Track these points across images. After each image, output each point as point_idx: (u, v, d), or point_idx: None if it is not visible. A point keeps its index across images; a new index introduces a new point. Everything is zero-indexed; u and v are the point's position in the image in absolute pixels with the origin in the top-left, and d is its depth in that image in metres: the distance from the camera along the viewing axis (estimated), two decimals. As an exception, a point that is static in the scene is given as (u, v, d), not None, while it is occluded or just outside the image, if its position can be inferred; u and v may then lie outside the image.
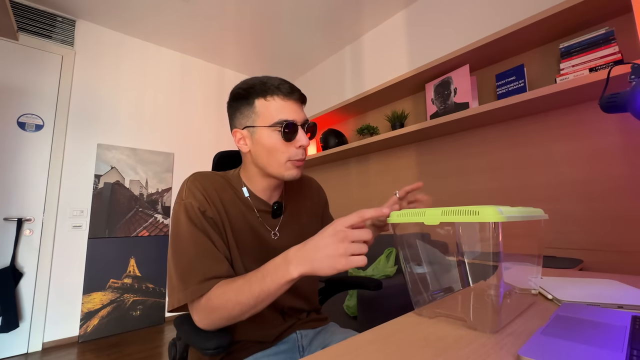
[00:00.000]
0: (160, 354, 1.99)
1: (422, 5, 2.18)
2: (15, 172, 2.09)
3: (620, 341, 0.38)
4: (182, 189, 0.66)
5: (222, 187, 0.69)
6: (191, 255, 0.59)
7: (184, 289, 0.57)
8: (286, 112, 0.65)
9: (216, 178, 0.71)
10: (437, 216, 0.48)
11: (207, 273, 0.57)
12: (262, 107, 0.65)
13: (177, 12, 2.34)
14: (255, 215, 0.71)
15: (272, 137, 0.65)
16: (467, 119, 1.61)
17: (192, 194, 0.64)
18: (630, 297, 0.58)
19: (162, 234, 2.64)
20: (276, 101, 0.65)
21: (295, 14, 2.36)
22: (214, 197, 0.66)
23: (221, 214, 0.66)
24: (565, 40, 1.41)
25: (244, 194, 0.71)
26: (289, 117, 0.64)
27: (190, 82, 2.99)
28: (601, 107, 0.66)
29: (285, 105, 0.65)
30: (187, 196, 0.64)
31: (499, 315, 0.46)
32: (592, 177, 1.34)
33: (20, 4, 2.19)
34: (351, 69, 2.76)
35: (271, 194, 0.74)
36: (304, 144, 0.66)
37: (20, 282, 2.04)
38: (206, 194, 0.65)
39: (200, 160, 2.95)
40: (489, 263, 0.45)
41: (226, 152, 0.93)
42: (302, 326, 0.75)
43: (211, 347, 0.54)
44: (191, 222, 0.61)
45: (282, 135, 0.64)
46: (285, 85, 0.66)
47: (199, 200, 0.63)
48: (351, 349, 0.41)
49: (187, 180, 0.68)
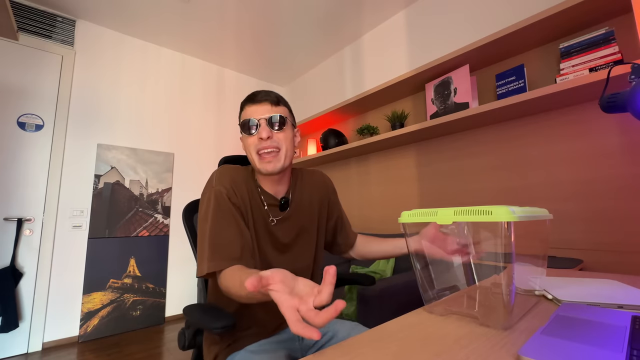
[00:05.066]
0: (160, 354, 1.98)
1: (422, 5, 2.18)
2: (15, 172, 2.09)
3: (620, 341, 0.38)
4: (212, 177, 0.77)
5: (245, 179, 0.79)
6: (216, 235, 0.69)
7: (210, 261, 0.66)
8: (247, 114, 0.76)
9: (238, 173, 0.80)
10: (450, 216, 0.48)
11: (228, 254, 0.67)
12: (240, 118, 0.79)
13: (177, 12, 2.34)
14: (265, 209, 0.80)
15: (243, 138, 0.78)
16: (467, 119, 1.61)
17: (222, 182, 0.75)
18: (630, 297, 0.58)
19: (162, 234, 2.64)
20: (245, 110, 0.78)
21: (295, 14, 2.36)
22: (239, 187, 0.76)
23: (245, 201, 0.76)
24: (565, 40, 1.41)
25: (258, 190, 0.81)
26: (248, 117, 0.75)
27: (190, 82, 2.98)
28: (601, 107, 0.66)
29: (248, 110, 0.77)
30: (217, 184, 0.74)
31: (511, 313, 0.46)
32: (592, 177, 1.34)
33: (20, 4, 2.19)
34: (351, 69, 2.76)
35: (277, 189, 0.82)
36: (262, 135, 0.74)
37: (20, 282, 2.03)
38: (233, 184, 0.75)
39: (200, 160, 2.95)
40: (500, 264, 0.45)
41: (231, 157, 0.98)
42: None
43: (219, 327, 0.63)
44: (219, 207, 0.71)
45: (242, 132, 0.77)
46: (251, 95, 0.78)
47: (227, 189, 0.74)
48: (351, 349, 0.41)
49: (217, 171, 0.78)
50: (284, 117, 0.77)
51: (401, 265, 1.77)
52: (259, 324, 0.76)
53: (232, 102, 3.25)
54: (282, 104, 0.79)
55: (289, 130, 0.79)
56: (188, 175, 2.85)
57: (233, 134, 3.20)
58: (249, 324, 0.76)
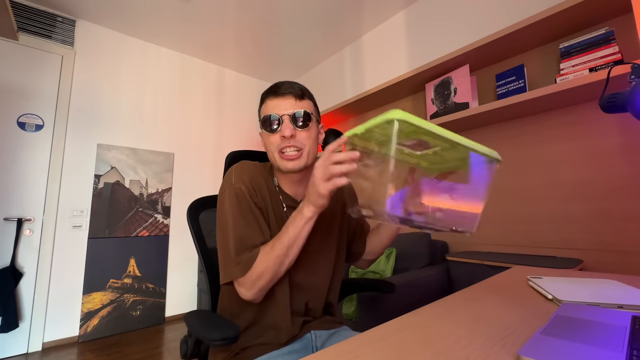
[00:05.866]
0: (160, 354, 1.98)
1: (422, 5, 2.18)
2: (15, 172, 2.09)
3: (620, 341, 0.38)
4: (231, 175, 0.72)
5: (265, 178, 0.75)
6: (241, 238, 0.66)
7: (238, 264, 0.64)
8: (269, 109, 0.71)
9: (257, 170, 0.75)
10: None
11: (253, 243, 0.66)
12: (260, 112, 0.74)
13: (177, 12, 2.34)
14: (284, 210, 0.76)
15: (264, 135, 0.73)
16: (467, 119, 1.61)
17: (241, 180, 0.70)
18: (630, 297, 0.58)
19: (162, 234, 2.64)
20: (266, 103, 0.72)
21: (295, 14, 2.36)
22: (259, 185, 0.72)
23: (265, 201, 0.72)
24: (565, 40, 1.41)
25: (276, 189, 0.76)
26: (270, 112, 0.70)
27: (190, 82, 2.98)
28: (601, 107, 0.66)
29: (272, 103, 0.71)
30: (236, 181, 0.70)
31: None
32: (592, 177, 1.34)
33: (20, 4, 2.19)
34: (351, 69, 2.76)
35: (297, 189, 0.77)
36: (285, 134, 0.69)
37: (20, 282, 2.03)
38: (253, 181, 0.71)
39: (200, 160, 2.95)
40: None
41: (239, 152, 0.93)
42: (317, 327, 0.76)
43: (217, 339, 0.54)
44: (240, 206, 0.68)
45: (263, 128, 0.72)
46: (274, 86, 0.72)
47: (247, 186, 0.70)
48: (351, 349, 0.41)
49: (235, 167, 0.74)
50: (309, 113, 0.71)
51: (401, 265, 1.77)
52: (272, 333, 0.71)
53: (232, 102, 3.25)
54: (307, 97, 0.73)
55: (314, 127, 0.73)
56: (188, 175, 2.85)
57: (233, 134, 3.20)
58: (260, 332, 0.71)
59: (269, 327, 0.71)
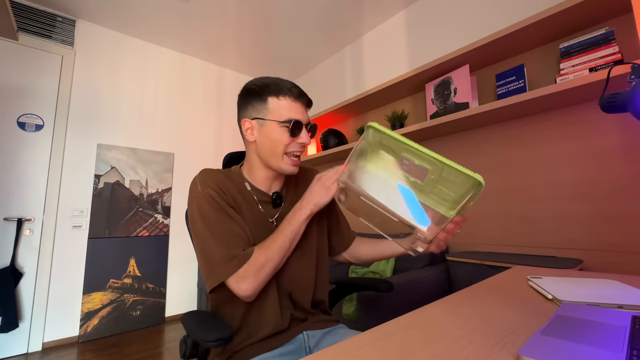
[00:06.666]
0: (160, 354, 1.98)
1: (422, 5, 2.18)
2: (15, 172, 2.09)
3: (620, 341, 0.38)
4: (195, 184, 0.73)
5: (229, 182, 0.76)
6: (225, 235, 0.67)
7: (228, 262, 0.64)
8: (295, 112, 0.73)
9: (222, 174, 0.77)
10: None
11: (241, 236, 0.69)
12: (275, 105, 0.73)
13: (177, 12, 2.34)
14: (258, 207, 0.77)
15: (280, 132, 0.73)
16: (467, 119, 1.61)
17: (208, 185, 0.71)
18: (630, 297, 0.58)
19: (162, 234, 2.64)
20: (287, 101, 0.73)
21: (295, 14, 2.36)
22: (226, 187, 0.73)
23: (237, 199, 0.74)
24: (565, 40, 1.41)
25: (247, 188, 0.78)
26: (297, 117, 0.73)
27: (190, 82, 2.98)
28: (601, 107, 0.66)
29: (295, 106, 0.74)
30: (203, 189, 0.71)
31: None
32: (592, 177, 1.34)
33: (20, 4, 2.19)
34: (351, 69, 2.76)
35: (271, 185, 0.80)
36: (305, 141, 0.74)
37: (20, 282, 2.03)
38: (220, 184, 0.72)
39: (200, 160, 2.95)
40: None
41: (236, 153, 0.95)
42: (309, 327, 0.75)
43: (212, 339, 0.55)
44: (215, 209, 0.69)
45: (289, 132, 0.72)
46: (295, 89, 0.74)
47: (215, 190, 0.71)
48: (351, 349, 0.41)
49: (198, 176, 0.74)
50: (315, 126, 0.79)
51: (401, 265, 1.77)
52: (266, 334, 0.71)
53: (232, 102, 3.25)
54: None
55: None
56: (188, 175, 2.85)
57: (233, 134, 3.20)
58: (254, 333, 0.71)
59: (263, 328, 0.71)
